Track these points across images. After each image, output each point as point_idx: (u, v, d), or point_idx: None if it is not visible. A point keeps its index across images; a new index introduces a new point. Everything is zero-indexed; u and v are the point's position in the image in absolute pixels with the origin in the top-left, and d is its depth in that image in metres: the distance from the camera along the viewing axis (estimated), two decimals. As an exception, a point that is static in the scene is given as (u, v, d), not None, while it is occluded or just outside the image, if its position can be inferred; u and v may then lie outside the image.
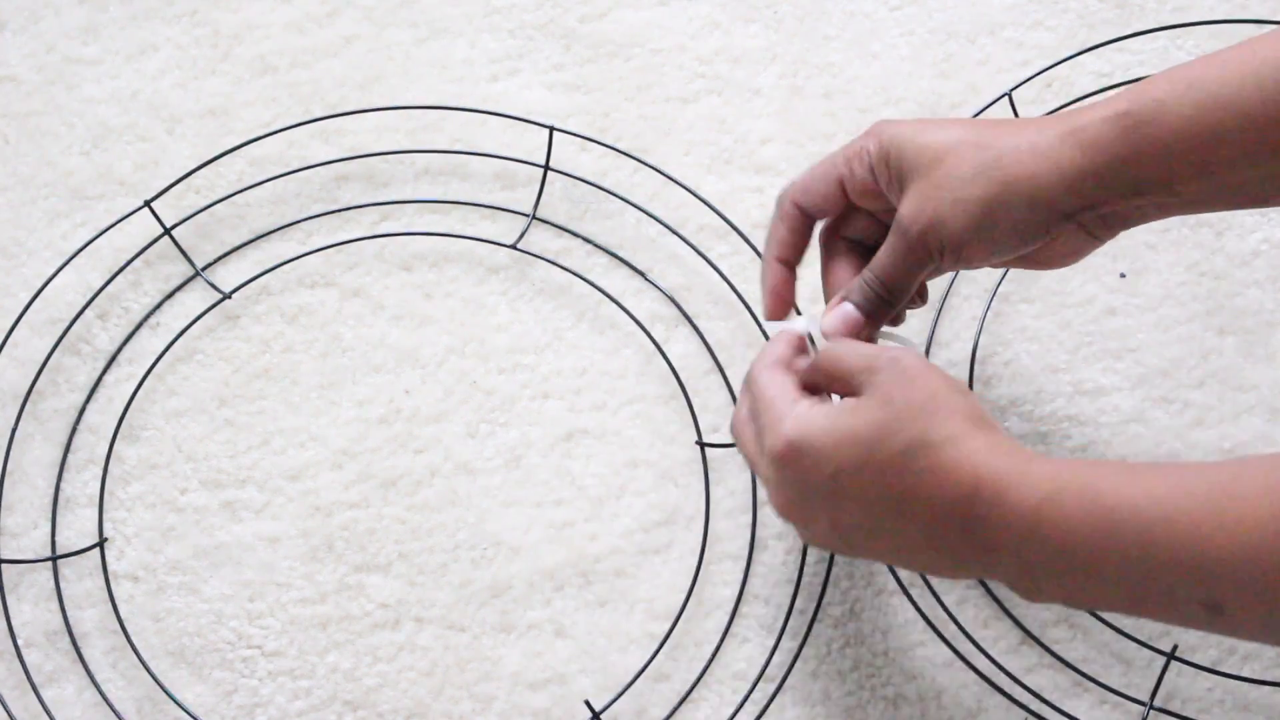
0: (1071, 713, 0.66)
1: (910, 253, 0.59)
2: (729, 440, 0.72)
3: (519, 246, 0.76)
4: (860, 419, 0.55)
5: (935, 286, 0.74)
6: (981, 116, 0.77)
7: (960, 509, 0.53)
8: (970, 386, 0.72)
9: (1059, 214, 0.57)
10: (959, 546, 0.54)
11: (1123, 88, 0.58)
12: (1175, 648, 0.67)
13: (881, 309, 0.61)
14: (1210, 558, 0.48)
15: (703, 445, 0.71)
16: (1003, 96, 0.76)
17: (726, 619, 0.69)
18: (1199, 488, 0.49)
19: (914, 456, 0.53)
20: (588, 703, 0.67)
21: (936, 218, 0.58)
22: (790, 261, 0.64)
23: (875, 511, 0.55)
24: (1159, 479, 0.50)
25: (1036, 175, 0.56)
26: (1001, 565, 0.53)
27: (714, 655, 0.68)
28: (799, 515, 0.58)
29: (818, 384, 0.59)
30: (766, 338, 0.74)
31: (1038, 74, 0.77)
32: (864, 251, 0.63)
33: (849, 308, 0.61)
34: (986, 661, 0.67)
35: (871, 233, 0.63)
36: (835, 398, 0.59)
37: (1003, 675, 0.67)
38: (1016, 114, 0.76)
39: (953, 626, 0.68)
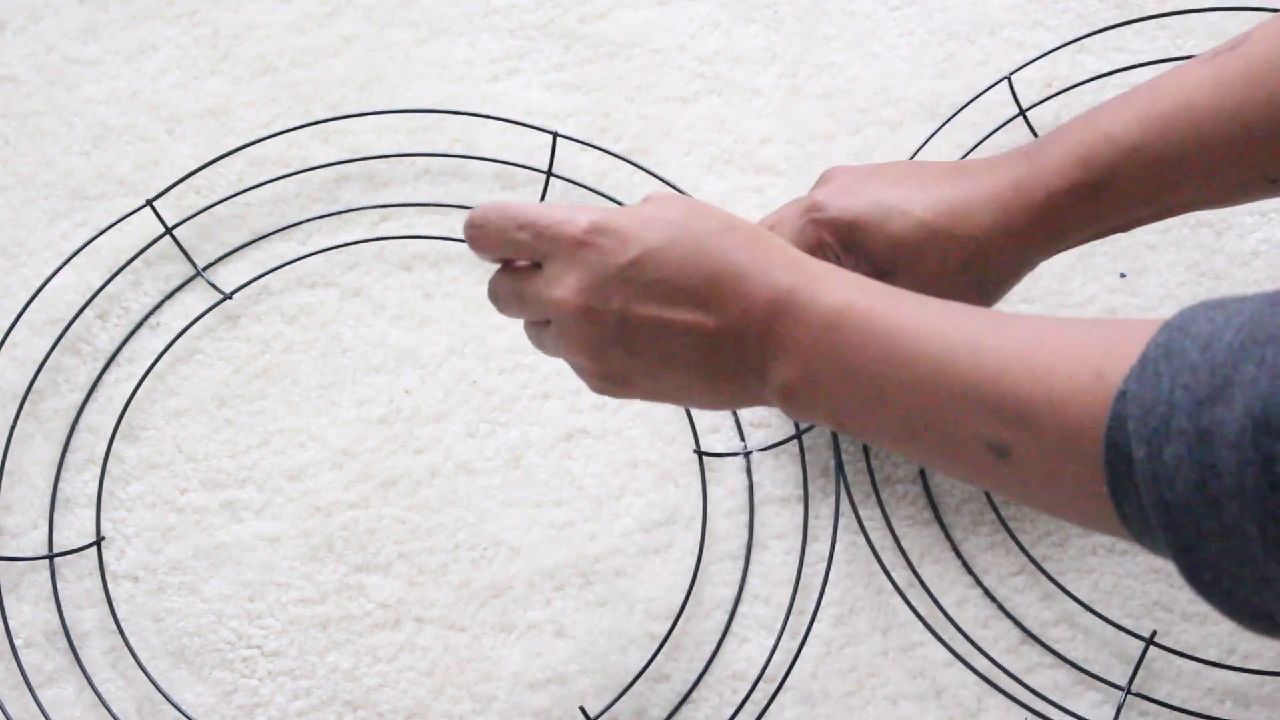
0: (1075, 710, 0.66)
1: None
2: (729, 445, 0.72)
3: (519, 247, 0.76)
4: (668, 209, 0.53)
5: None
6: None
7: (765, 300, 0.51)
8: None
9: (1033, 266, 0.63)
10: (749, 344, 0.51)
11: (1073, 134, 0.61)
12: (1154, 634, 0.67)
13: None
14: (1011, 397, 0.46)
15: (700, 454, 0.71)
16: (1001, 80, 0.76)
17: (726, 619, 0.69)
18: (1015, 332, 0.47)
19: (723, 240, 0.52)
20: (582, 709, 0.67)
21: None
22: None
23: (677, 296, 0.52)
24: (975, 317, 0.49)
25: (1015, 254, 0.62)
26: (785, 370, 0.51)
27: (714, 655, 0.68)
28: (587, 303, 0.53)
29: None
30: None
31: (1035, 59, 0.77)
32: None
33: None
34: (985, 661, 0.67)
35: None
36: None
37: (1002, 674, 0.67)
38: (1017, 100, 0.76)
39: (951, 628, 0.68)
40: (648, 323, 0.53)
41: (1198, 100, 0.58)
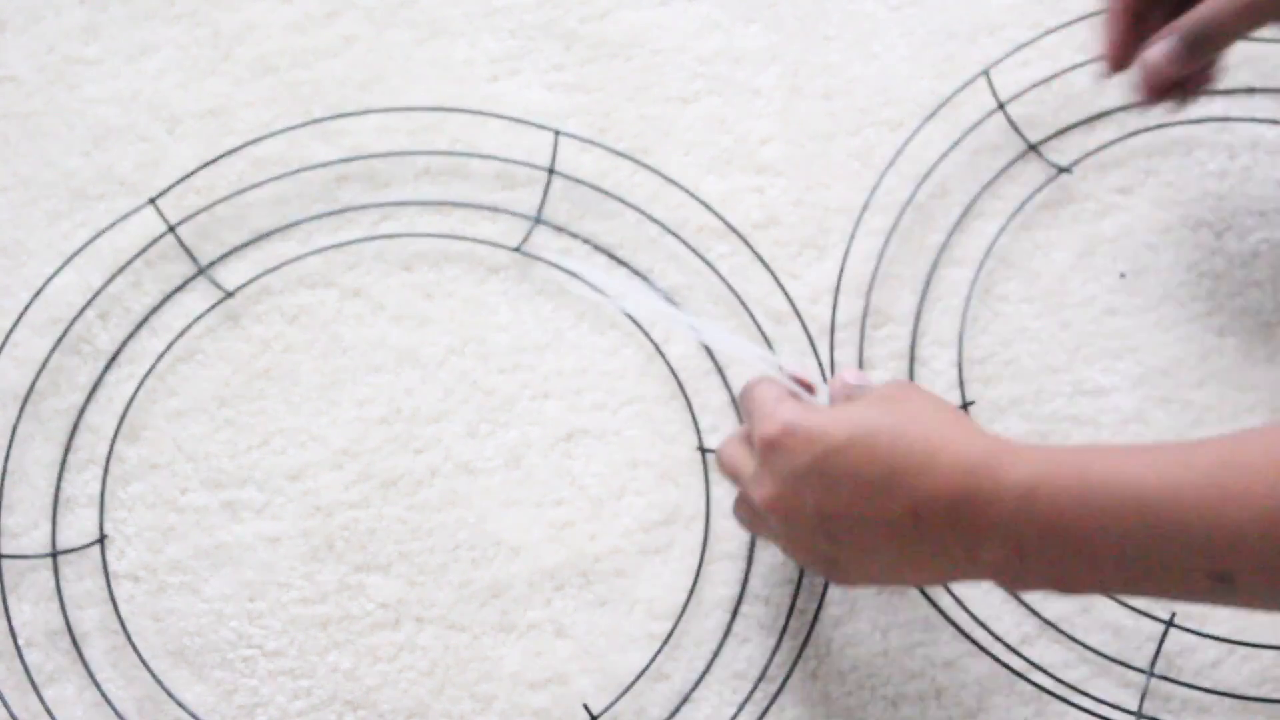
0: (1101, 696, 0.66)
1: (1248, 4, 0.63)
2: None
3: (523, 249, 0.76)
4: (854, 408, 0.57)
5: (916, 291, 0.75)
6: (963, 92, 0.77)
7: (951, 486, 0.53)
8: (961, 385, 0.72)
9: None
10: (945, 531, 0.54)
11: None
12: (1173, 615, 0.67)
13: (1198, 57, 0.64)
14: (1219, 530, 0.48)
15: (704, 451, 0.71)
16: (980, 75, 0.77)
17: (727, 619, 0.69)
18: (1199, 462, 0.49)
19: (904, 433, 0.54)
20: (586, 706, 0.67)
21: None
22: (1137, 12, 0.66)
23: (862, 490, 0.55)
24: (1155, 455, 0.51)
25: None
26: (989, 550, 0.53)
27: (714, 655, 0.68)
28: (785, 503, 0.57)
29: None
30: (770, 346, 0.74)
31: (1017, 49, 0.78)
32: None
33: (1178, 42, 0.64)
34: (996, 649, 0.67)
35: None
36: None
37: (1021, 662, 0.67)
38: (996, 95, 0.76)
39: (964, 615, 0.68)
40: (843, 516, 0.56)
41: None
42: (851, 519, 0.56)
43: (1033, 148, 0.77)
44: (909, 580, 0.61)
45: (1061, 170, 0.76)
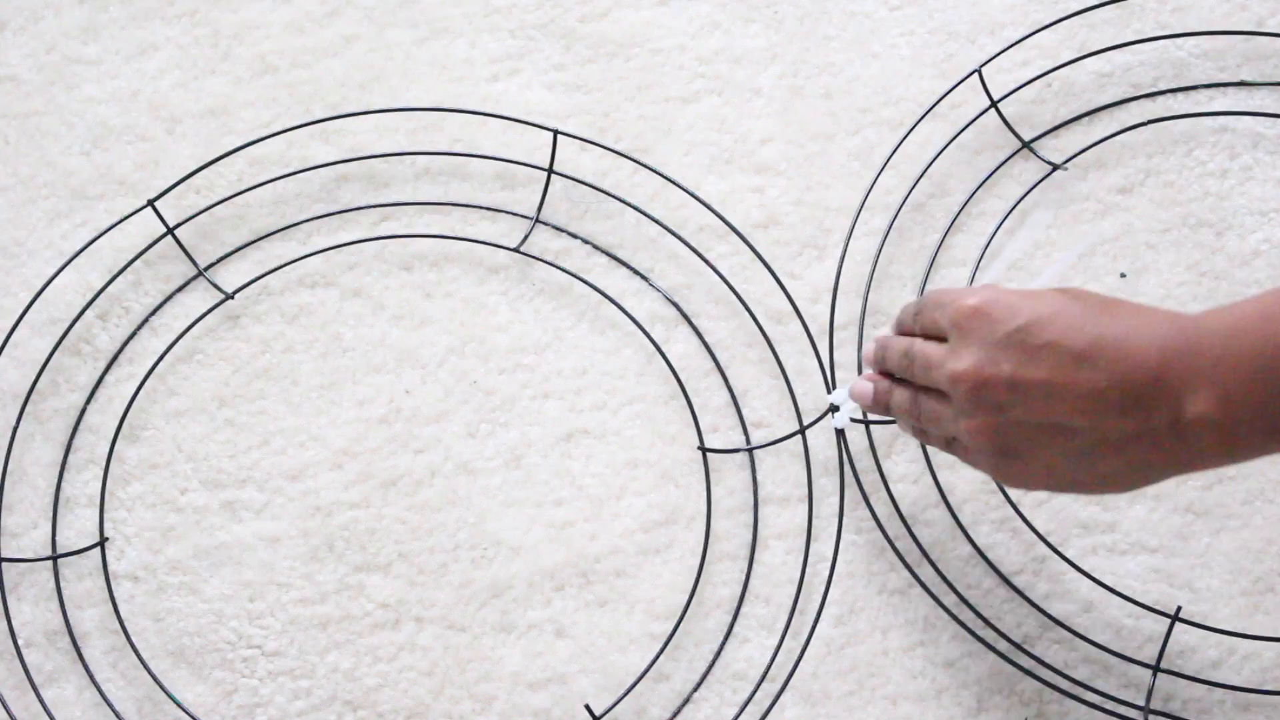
0: (1103, 692, 0.66)
1: None
2: (730, 445, 0.72)
3: (522, 249, 0.76)
4: (1052, 292, 0.57)
5: (915, 290, 0.74)
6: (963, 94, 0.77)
7: (1157, 346, 0.53)
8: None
9: None
10: (1150, 394, 0.53)
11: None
12: (1179, 609, 0.67)
13: None
14: None
15: (704, 450, 0.71)
16: (972, 73, 0.77)
17: (728, 619, 0.69)
18: None
19: (1107, 308, 0.55)
20: (587, 706, 0.67)
21: None
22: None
23: (1064, 360, 0.54)
24: None
25: None
26: (1195, 403, 0.52)
27: (715, 656, 0.68)
28: (979, 373, 0.56)
29: None
30: (771, 345, 0.74)
31: (1008, 48, 0.78)
32: None
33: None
34: (996, 654, 0.67)
35: None
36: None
37: (1027, 658, 0.67)
38: (987, 90, 0.77)
39: (963, 619, 0.68)
40: (1038, 386, 0.55)
41: None
42: (1048, 389, 0.55)
43: (1026, 145, 0.77)
44: (1089, 473, 0.57)
45: (1056, 167, 0.76)
